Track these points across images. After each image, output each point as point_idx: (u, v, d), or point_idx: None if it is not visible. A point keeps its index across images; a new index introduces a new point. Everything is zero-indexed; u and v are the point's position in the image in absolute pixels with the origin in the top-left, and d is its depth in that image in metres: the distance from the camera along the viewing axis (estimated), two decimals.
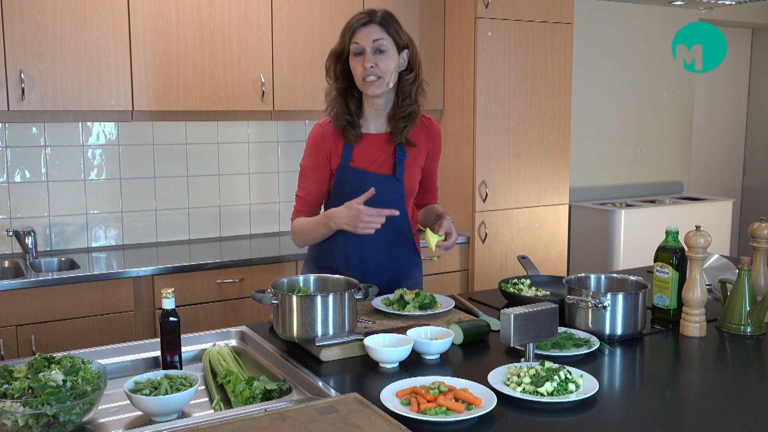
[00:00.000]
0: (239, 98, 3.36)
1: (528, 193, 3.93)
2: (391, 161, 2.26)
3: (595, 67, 4.92)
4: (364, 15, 2.19)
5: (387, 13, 2.21)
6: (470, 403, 1.48)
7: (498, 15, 3.70)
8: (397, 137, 2.25)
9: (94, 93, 3.08)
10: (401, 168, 2.26)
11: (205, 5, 3.26)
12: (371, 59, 2.14)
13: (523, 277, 2.44)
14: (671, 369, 1.85)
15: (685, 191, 5.50)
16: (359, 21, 2.18)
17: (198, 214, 3.71)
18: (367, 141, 2.26)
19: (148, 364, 1.88)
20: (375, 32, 2.16)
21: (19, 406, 1.38)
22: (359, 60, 2.16)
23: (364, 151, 2.26)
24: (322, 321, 1.81)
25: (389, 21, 2.19)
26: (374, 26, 2.16)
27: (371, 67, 2.14)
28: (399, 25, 2.21)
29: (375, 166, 2.25)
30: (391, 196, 2.26)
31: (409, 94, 2.23)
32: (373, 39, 2.15)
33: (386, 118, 2.28)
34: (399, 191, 2.27)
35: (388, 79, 2.18)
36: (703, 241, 1.97)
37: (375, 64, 2.14)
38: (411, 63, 2.23)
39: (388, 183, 2.25)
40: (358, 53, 2.16)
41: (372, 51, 2.15)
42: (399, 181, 2.26)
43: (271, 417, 1.40)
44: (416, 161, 2.31)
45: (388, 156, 2.26)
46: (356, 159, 2.25)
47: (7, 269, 3.15)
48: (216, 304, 3.16)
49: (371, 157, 2.26)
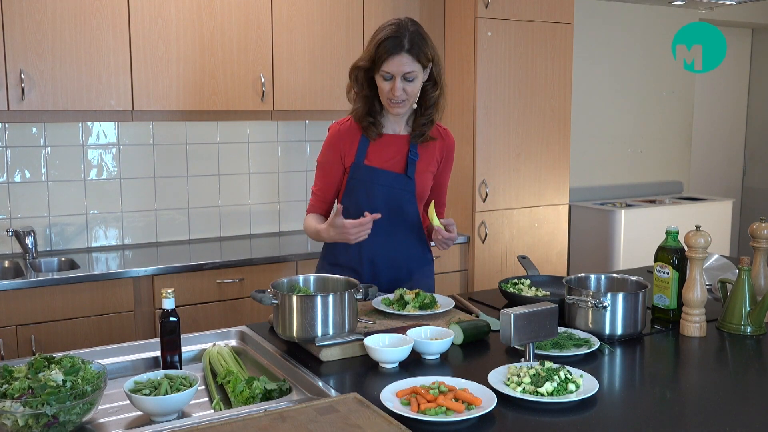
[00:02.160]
0: (239, 98, 3.36)
1: (528, 193, 3.93)
2: (403, 161, 2.31)
3: (595, 67, 4.92)
4: (395, 41, 2.14)
5: (417, 36, 2.17)
6: (470, 403, 1.48)
7: (498, 15, 3.70)
8: (420, 137, 2.31)
9: (94, 93, 3.08)
10: (413, 167, 2.31)
11: (205, 5, 3.26)
12: (400, 87, 2.17)
13: (523, 277, 2.45)
14: (671, 369, 1.85)
15: (685, 191, 5.50)
16: (391, 49, 2.14)
17: (198, 214, 3.71)
18: (384, 140, 2.31)
19: (148, 364, 1.88)
20: (406, 63, 2.15)
21: (19, 406, 1.38)
22: (388, 84, 2.19)
23: (380, 150, 2.30)
24: (322, 321, 1.81)
25: (418, 45, 2.16)
26: (405, 56, 2.14)
27: (400, 95, 2.18)
28: (426, 42, 2.19)
29: (388, 165, 2.30)
30: (402, 194, 2.30)
31: (432, 104, 2.28)
32: (404, 71, 2.15)
33: (405, 122, 2.34)
34: (411, 189, 2.31)
35: (413, 101, 2.24)
36: (703, 241, 1.97)
37: (403, 90, 2.18)
38: (434, 75, 2.25)
39: (399, 180, 2.29)
40: (387, 79, 2.18)
41: (401, 79, 2.17)
42: (410, 179, 2.30)
43: (271, 417, 1.40)
44: (429, 167, 2.35)
45: (402, 156, 2.31)
46: (370, 157, 2.29)
47: (7, 269, 3.15)
48: (216, 304, 3.16)
49: (385, 156, 2.30)
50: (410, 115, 2.33)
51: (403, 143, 2.32)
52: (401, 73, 2.16)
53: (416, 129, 2.31)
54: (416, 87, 2.21)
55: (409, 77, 2.17)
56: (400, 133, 2.33)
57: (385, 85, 2.19)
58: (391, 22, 2.20)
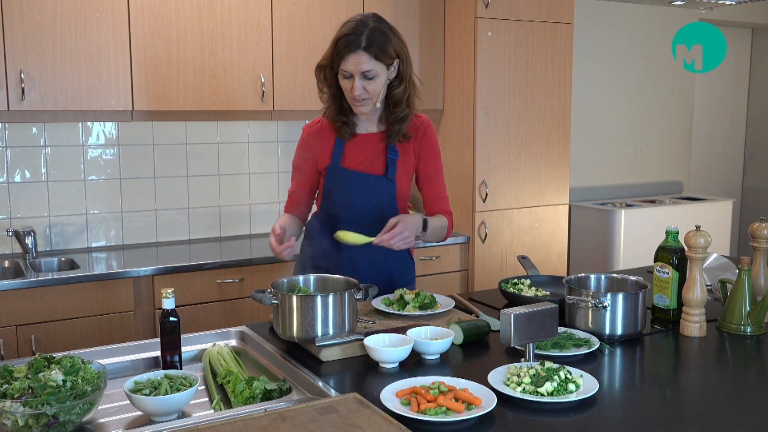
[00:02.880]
0: (239, 98, 3.36)
1: (528, 193, 3.92)
2: (382, 161, 2.25)
3: (595, 67, 4.92)
4: (352, 38, 2.10)
5: (375, 32, 2.11)
6: (470, 403, 1.48)
7: (498, 15, 3.70)
8: (394, 137, 2.24)
9: (94, 93, 3.08)
10: (393, 169, 2.25)
11: (205, 5, 3.26)
12: (359, 86, 2.12)
13: (523, 277, 2.44)
14: (671, 369, 1.85)
15: (685, 191, 5.50)
16: (347, 47, 2.10)
17: (198, 214, 3.71)
18: (358, 141, 2.25)
19: (148, 364, 1.88)
20: (363, 61, 2.09)
21: (19, 406, 1.38)
22: (348, 82, 2.14)
23: (356, 151, 2.25)
24: (322, 321, 1.81)
25: (378, 42, 2.10)
26: (362, 54, 2.09)
27: (360, 93, 2.13)
28: (388, 39, 2.13)
29: (365, 166, 2.24)
30: (382, 196, 2.25)
31: (399, 102, 2.21)
32: (362, 69, 2.10)
33: (377, 120, 2.28)
34: (391, 192, 2.25)
35: (376, 99, 2.17)
36: (703, 241, 1.97)
37: (363, 89, 2.13)
38: (401, 72, 2.19)
39: (379, 183, 2.24)
40: (347, 77, 2.13)
41: (360, 77, 2.11)
42: (391, 181, 2.25)
43: (271, 417, 1.40)
44: (406, 164, 2.28)
45: (378, 155, 2.25)
46: (347, 159, 2.24)
47: (7, 269, 3.15)
48: (216, 304, 3.16)
49: (362, 157, 2.24)
50: (382, 113, 2.27)
51: (380, 142, 2.26)
52: (359, 71, 2.10)
53: (388, 128, 2.25)
54: (377, 85, 2.14)
55: (369, 75, 2.11)
56: (374, 132, 2.27)
57: (345, 83, 2.14)
58: (352, 19, 2.15)
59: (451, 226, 2.35)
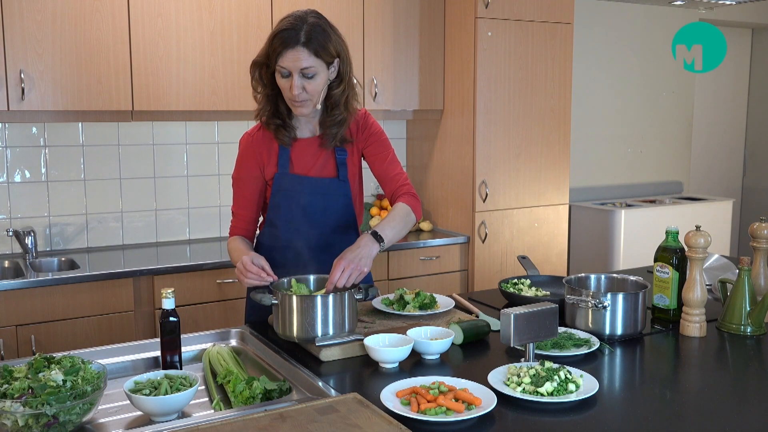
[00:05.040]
0: (239, 98, 3.36)
1: (528, 193, 3.92)
2: (332, 163, 2.15)
3: (595, 67, 4.92)
4: (290, 33, 1.95)
5: (315, 28, 1.97)
6: (470, 403, 1.48)
7: (498, 15, 3.70)
8: (330, 142, 2.12)
9: (94, 93, 3.08)
10: (344, 169, 2.15)
11: (205, 5, 3.26)
12: (299, 85, 1.98)
13: (523, 277, 2.45)
14: (671, 369, 1.85)
15: (685, 191, 5.50)
16: (285, 42, 1.95)
17: (198, 214, 3.71)
18: (302, 145, 2.13)
19: (148, 364, 1.88)
20: (302, 58, 1.95)
21: (19, 406, 1.38)
22: (286, 81, 1.99)
23: (303, 155, 2.13)
24: (322, 321, 1.81)
25: (317, 40, 1.96)
26: (301, 50, 1.95)
27: (299, 93, 1.99)
28: (329, 36, 1.99)
29: (316, 170, 2.14)
30: (337, 198, 2.15)
31: (337, 104, 2.08)
32: (301, 67, 1.96)
33: (318, 123, 2.15)
34: (346, 193, 2.16)
35: (316, 100, 2.04)
36: (703, 241, 1.97)
37: (302, 89, 1.99)
38: (341, 73, 2.05)
39: (333, 186, 2.14)
40: (285, 75, 1.99)
41: (299, 75, 1.97)
42: (344, 182, 2.15)
43: (271, 417, 1.40)
44: (354, 161, 2.19)
45: (328, 158, 2.14)
46: (295, 165, 2.12)
47: (7, 269, 3.15)
48: (216, 304, 3.16)
49: (310, 161, 2.13)
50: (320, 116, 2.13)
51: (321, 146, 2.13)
52: (298, 68, 1.95)
53: (324, 132, 2.11)
54: (317, 84, 2.00)
55: (308, 73, 1.97)
56: (316, 134, 2.14)
57: (283, 82, 1.99)
58: (291, 14, 1.99)
59: (416, 205, 2.16)
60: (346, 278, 1.88)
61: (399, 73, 3.75)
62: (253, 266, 1.93)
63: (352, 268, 1.89)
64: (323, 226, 2.15)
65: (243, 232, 2.19)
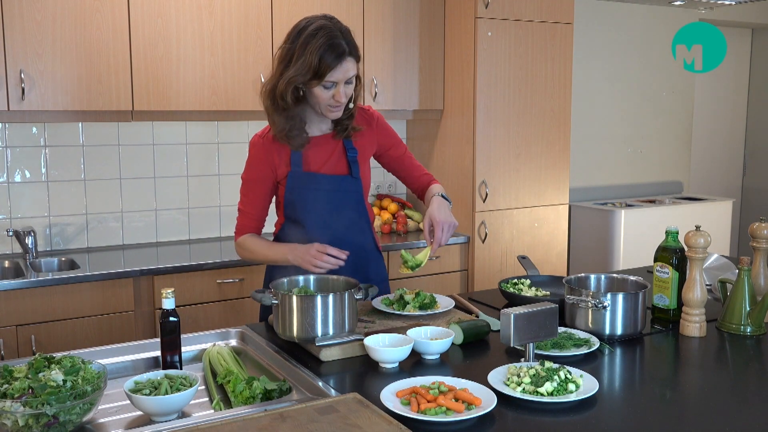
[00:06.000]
0: (239, 98, 3.36)
1: (528, 193, 3.93)
2: (344, 160, 2.20)
3: (595, 67, 4.92)
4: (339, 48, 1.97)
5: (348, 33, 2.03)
6: (470, 403, 1.48)
7: (498, 15, 3.70)
8: (343, 133, 2.18)
9: (94, 93, 3.08)
10: (356, 166, 2.20)
11: (205, 5, 3.26)
12: (344, 92, 2.03)
13: (523, 277, 2.45)
14: (671, 369, 1.86)
15: (685, 191, 5.50)
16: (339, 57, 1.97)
17: (198, 214, 3.71)
18: (315, 143, 2.17)
19: (148, 364, 1.88)
20: (351, 68, 2.01)
21: (19, 406, 1.38)
22: (329, 91, 2.02)
23: (315, 154, 2.17)
24: (322, 321, 1.81)
25: (355, 46, 2.03)
26: (350, 61, 2.00)
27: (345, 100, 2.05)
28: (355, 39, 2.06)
29: (328, 168, 2.18)
30: (350, 196, 2.20)
31: (354, 99, 2.14)
32: (349, 76, 2.01)
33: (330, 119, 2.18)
34: (358, 190, 2.21)
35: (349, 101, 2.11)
36: (703, 241, 1.97)
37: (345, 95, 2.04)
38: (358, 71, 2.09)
39: (345, 183, 2.19)
40: (329, 87, 2.02)
41: (343, 83, 2.02)
42: (357, 179, 2.20)
43: (271, 417, 1.40)
44: (364, 158, 2.24)
45: (340, 156, 2.19)
46: (308, 163, 2.16)
47: (7, 269, 3.15)
48: (216, 304, 3.16)
49: (322, 159, 2.17)
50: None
51: (333, 141, 2.19)
52: (346, 78, 2.01)
53: (338, 126, 2.17)
54: (353, 87, 2.08)
55: (351, 80, 2.04)
56: (326, 131, 2.19)
57: (325, 93, 2.02)
58: (319, 25, 1.99)
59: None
60: (448, 235, 2.08)
61: (399, 72, 3.76)
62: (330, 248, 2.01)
63: (449, 225, 2.08)
64: (336, 222, 2.19)
65: (252, 230, 2.25)
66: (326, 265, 2.01)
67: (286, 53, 2.03)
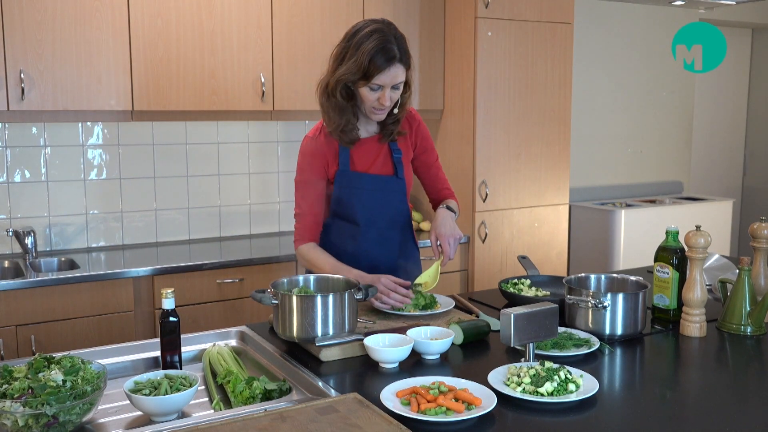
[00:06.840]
0: (239, 98, 3.36)
1: (528, 193, 3.93)
2: (390, 161, 2.28)
3: (595, 67, 4.92)
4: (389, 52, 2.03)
5: (402, 41, 2.08)
6: (470, 403, 1.48)
7: (498, 15, 3.70)
8: (389, 137, 2.25)
9: (94, 93, 3.08)
10: (401, 167, 2.28)
11: (205, 5, 3.26)
12: (389, 97, 2.09)
13: (523, 277, 2.45)
14: (671, 369, 1.85)
15: (685, 191, 5.50)
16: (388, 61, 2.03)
17: (198, 214, 3.71)
18: (362, 143, 2.25)
19: (148, 364, 1.88)
20: (400, 74, 2.07)
21: (19, 406, 1.38)
22: (375, 93, 2.08)
23: (362, 154, 2.25)
24: (322, 321, 1.81)
25: (407, 53, 2.08)
26: (399, 67, 2.06)
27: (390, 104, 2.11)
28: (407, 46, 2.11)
29: (375, 168, 2.26)
30: (394, 195, 2.28)
31: (402, 105, 2.20)
32: (396, 82, 2.07)
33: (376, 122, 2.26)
34: (402, 190, 2.29)
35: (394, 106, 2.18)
36: (703, 241, 1.97)
37: (390, 99, 2.10)
38: (408, 77, 2.15)
39: (390, 183, 2.27)
40: (375, 89, 2.08)
41: (390, 88, 2.08)
42: (401, 180, 2.28)
43: (271, 417, 1.40)
44: (408, 157, 2.33)
45: (386, 157, 2.27)
46: (355, 163, 2.24)
47: (7, 269, 3.15)
48: (216, 304, 3.16)
49: (369, 160, 2.25)
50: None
51: (379, 143, 2.27)
52: (394, 83, 2.07)
53: (384, 129, 2.24)
54: (400, 93, 2.14)
55: (398, 86, 2.10)
56: (373, 133, 2.27)
57: (371, 95, 2.08)
58: (374, 28, 2.06)
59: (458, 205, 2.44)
60: (455, 248, 2.19)
61: None
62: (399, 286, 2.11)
63: (454, 239, 2.19)
64: (382, 221, 2.27)
65: (313, 234, 2.26)
66: (393, 302, 2.10)
67: (340, 51, 2.10)
